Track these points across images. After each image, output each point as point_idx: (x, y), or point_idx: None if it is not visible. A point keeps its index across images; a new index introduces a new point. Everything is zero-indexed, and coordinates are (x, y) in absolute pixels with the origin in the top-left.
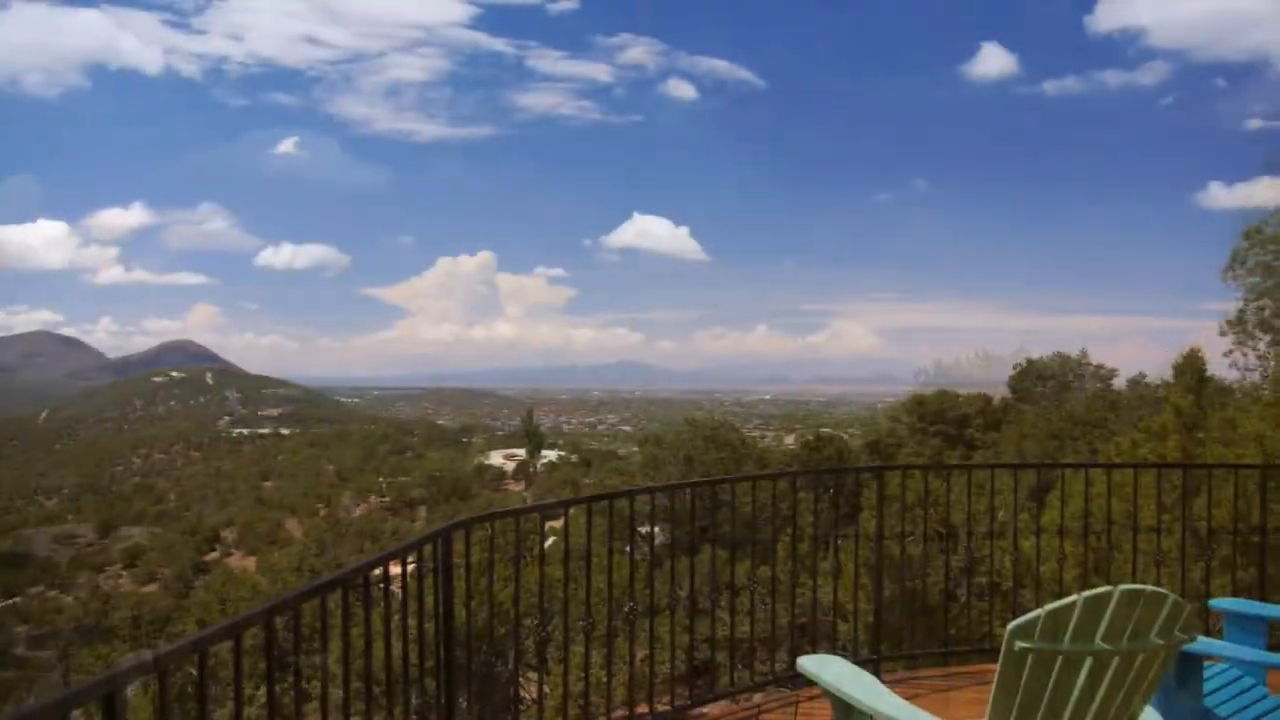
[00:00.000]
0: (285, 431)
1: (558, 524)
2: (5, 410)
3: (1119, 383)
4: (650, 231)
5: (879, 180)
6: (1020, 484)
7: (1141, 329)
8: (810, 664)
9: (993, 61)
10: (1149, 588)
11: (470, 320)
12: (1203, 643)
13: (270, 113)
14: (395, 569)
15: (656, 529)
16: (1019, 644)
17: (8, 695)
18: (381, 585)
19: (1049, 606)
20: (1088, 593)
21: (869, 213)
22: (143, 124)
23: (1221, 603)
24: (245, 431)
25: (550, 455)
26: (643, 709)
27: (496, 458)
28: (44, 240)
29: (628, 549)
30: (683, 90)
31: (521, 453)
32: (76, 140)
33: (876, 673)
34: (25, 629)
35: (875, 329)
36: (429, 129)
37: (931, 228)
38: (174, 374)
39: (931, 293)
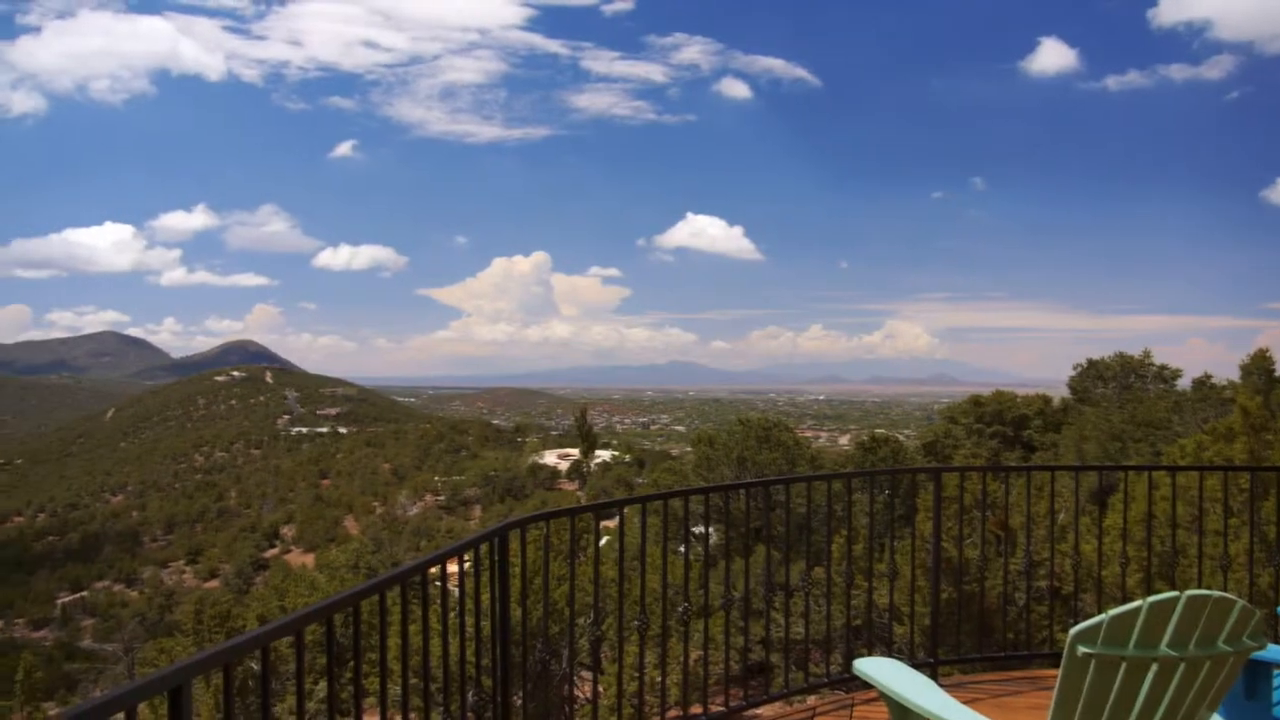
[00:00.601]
0: (343, 430)
1: (611, 523)
2: (74, 409)
3: (1183, 383)
4: (704, 231)
5: (934, 178)
6: (1081, 486)
7: (1205, 329)
8: (867, 666)
9: (1052, 57)
10: (1216, 593)
11: (525, 320)
12: (1272, 650)
13: (329, 116)
14: (451, 567)
15: (710, 529)
16: (1082, 649)
17: (75, 686)
18: (438, 583)
19: (1113, 611)
20: (1153, 598)
21: (924, 211)
22: (205, 128)
23: None
24: (304, 430)
25: (603, 455)
26: (697, 709)
27: (550, 457)
28: (111, 243)
29: (681, 549)
30: (737, 89)
31: (575, 452)
32: (142, 145)
33: (933, 676)
34: (92, 622)
35: (930, 329)
36: (485, 131)
37: (988, 226)
38: (235, 373)
39: (987, 292)
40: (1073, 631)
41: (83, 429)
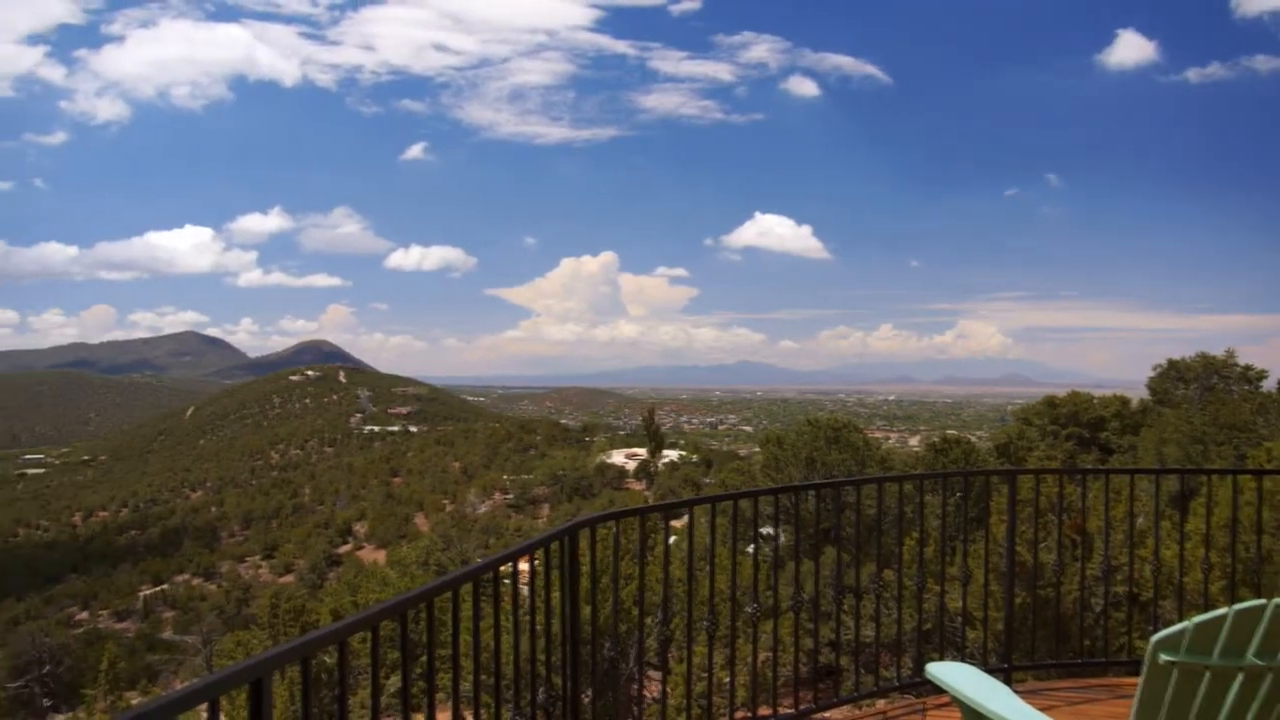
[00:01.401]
0: (413, 429)
1: (678, 524)
2: (155, 407)
3: (1268, 384)
4: (772, 230)
5: (1007, 176)
6: (1161, 490)
7: None
8: (940, 671)
9: (1130, 50)
10: None
11: (593, 320)
12: None
13: (400, 119)
14: (521, 565)
15: (779, 530)
16: (1164, 657)
17: (156, 677)
18: (508, 581)
19: (1197, 619)
20: (1239, 605)
21: (997, 209)
22: (281, 133)
23: None
24: (375, 429)
25: (671, 455)
26: (765, 711)
27: (618, 457)
28: (190, 245)
29: (749, 549)
30: (805, 87)
31: (642, 452)
32: (220, 149)
33: (1007, 682)
34: (173, 615)
35: (1004, 329)
36: (553, 132)
37: (1063, 224)
38: (309, 373)
39: (1062, 291)
40: (1155, 639)
41: (163, 426)
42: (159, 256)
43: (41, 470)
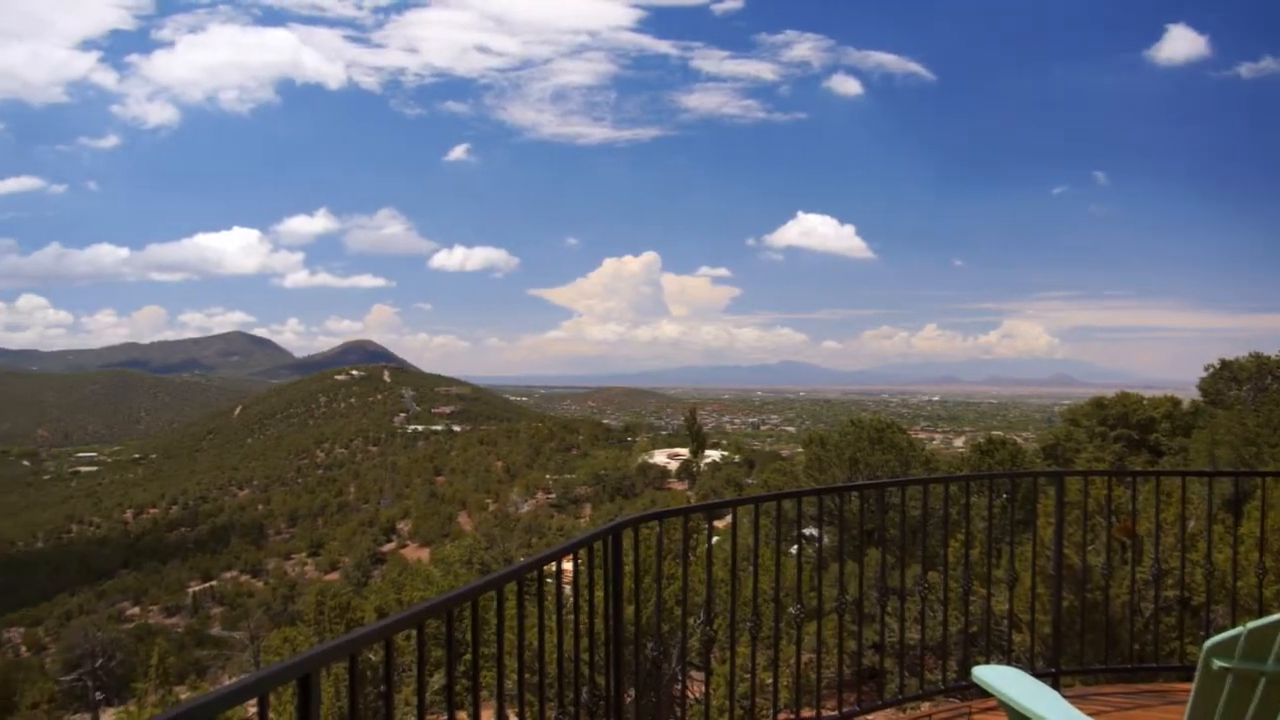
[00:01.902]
0: (457, 428)
1: (720, 524)
2: (204, 405)
3: None
4: (814, 230)
5: (1054, 174)
6: (1214, 493)
7: None
8: (987, 674)
9: (1180, 44)
10: None
11: (635, 320)
12: None
13: (443, 121)
14: (564, 564)
15: (822, 531)
16: (1218, 663)
17: (204, 672)
18: (551, 580)
19: (1252, 624)
20: None
21: (1043, 208)
22: (326, 135)
23: None
24: (419, 428)
25: (713, 455)
26: (808, 713)
27: (660, 456)
28: (238, 247)
29: (793, 550)
30: (848, 86)
31: (684, 452)
32: (267, 152)
33: (1055, 687)
34: (221, 610)
35: (1051, 329)
36: (595, 132)
37: (1111, 222)
38: (354, 372)
39: (1111, 291)
40: (1208, 644)
41: (212, 425)
42: (208, 258)
43: (94, 468)
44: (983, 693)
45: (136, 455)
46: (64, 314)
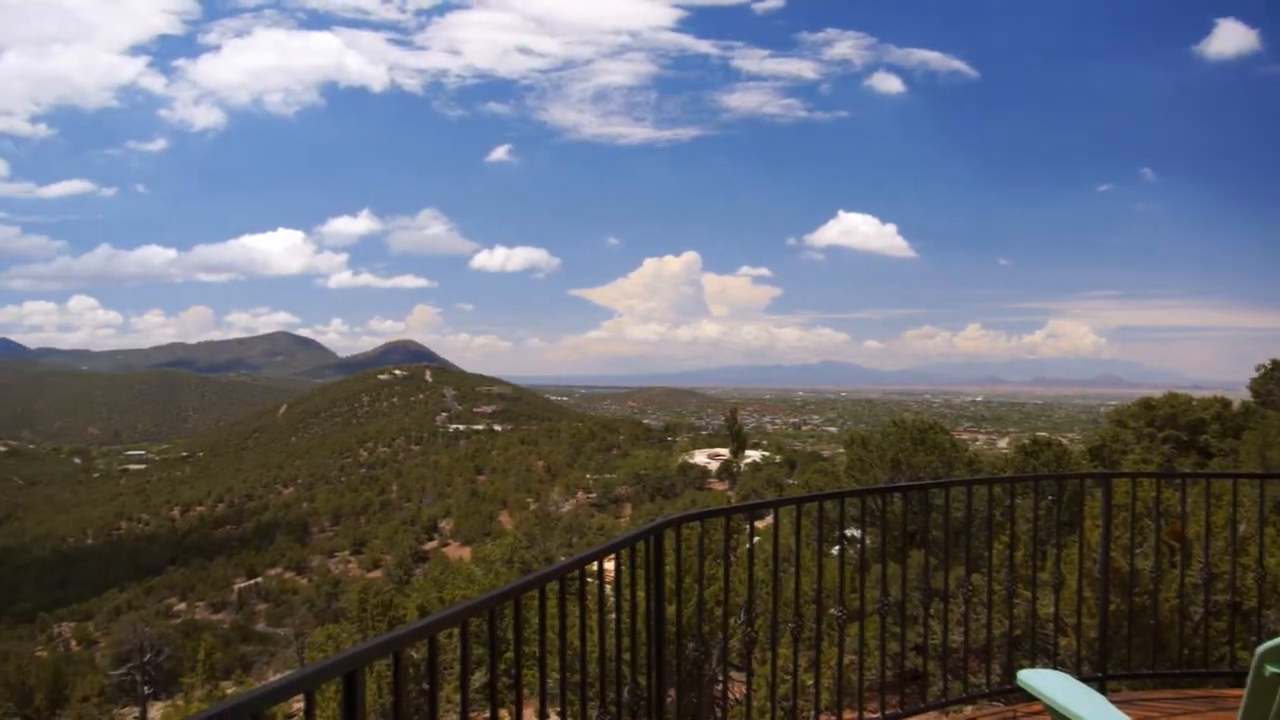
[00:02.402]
0: (498, 428)
1: (761, 524)
2: (249, 405)
3: None
4: (856, 229)
5: (1100, 171)
6: (1266, 495)
7: None
8: (1032, 678)
9: (1230, 39)
10: None
11: (675, 320)
12: None
13: (485, 122)
14: (606, 564)
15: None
16: (1270, 669)
17: (250, 667)
18: (594, 580)
19: None
20: None
21: (1089, 206)
22: (369, 137)
23: None
24: (461, 427)
25: (754, 455)
26: (850, 715)
27: (700, 457)
28: (283, 248)
29: (834, 551)
30: (890, 84)
31: (725, 452)
32: (311, 154)
33: (1102, 691)
34: (266, 607)
35: (1097, 328)
36: (636, 132)
37: (1158, 220)
38: (397, 372)
39: (1158, 290)
40: (1260, 650)
41: (257, 424)
42: (254, 259)
43: (142, 466)
44: (1027, 697)
45: (184, 453)
46: (114, 314)
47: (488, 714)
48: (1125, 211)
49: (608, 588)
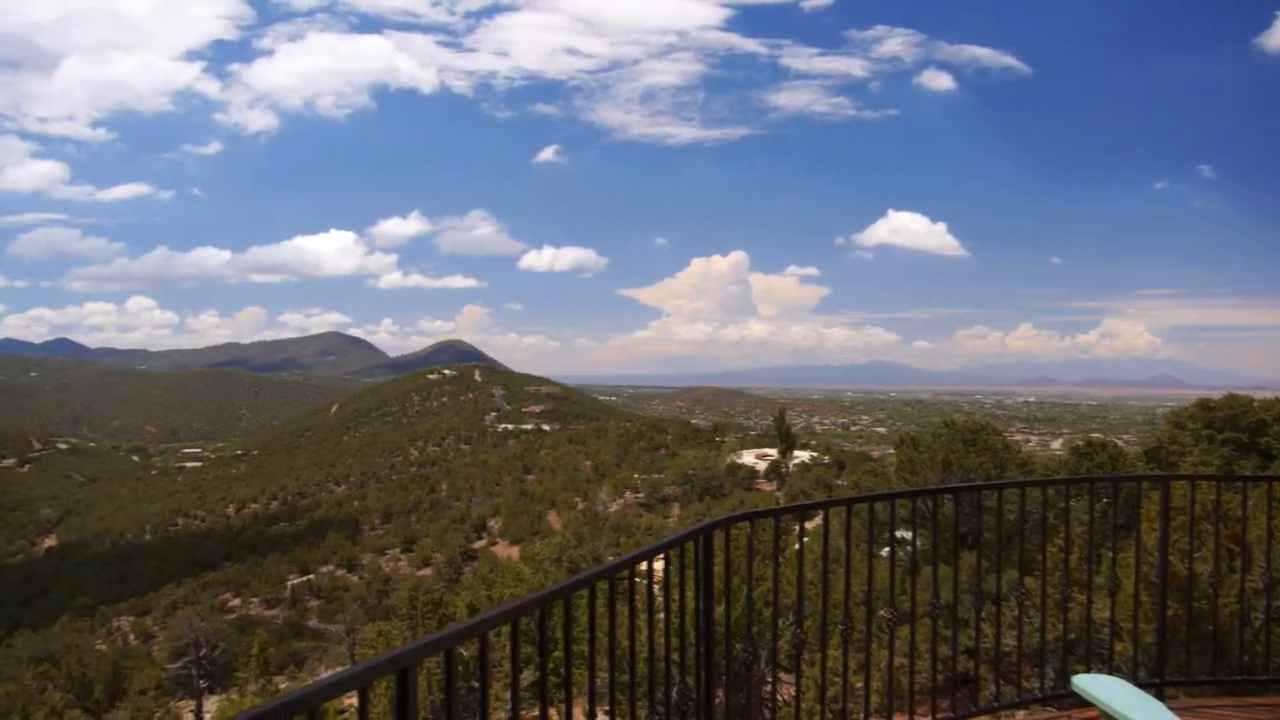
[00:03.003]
0: (546, 427)
1: (810, 525)
2: (302, 404)
3: None
4: (905, 228)
5: (1156, 168)
6: None
7: None
8: (1088, 684)
9: None
10: None
11: (723, 320)
12: None
13: (533, 123)
14: (653, 563)
15: (915, 534)
16: None
17: (302, 663)
18: (644, 580)
19: None
20: None
21: (1144, 204)
22: (419, 139)
23: None
24: (510, 427)
25: (802, 455)
26: (900, 718)
27: (748, 457)
28: (335, 249)
29: (884, 553)
30: (940, 81)
31: (773, 452)
32: (362, 156)
33: (1159, 698)
34: (318, 604)
35: (1153, 328)
36: (683, 132)
37: (1216, 218)
38: (446, 371)
39: (1216, 289)
40: None
41: (310, 423)
42: (306, 260)
43: (198, 464)
44: (1081, 702)
45: (239, 452)
46: (170, 314)
47: (536, 712)
48: (1181, 209)
49: (656, 587)
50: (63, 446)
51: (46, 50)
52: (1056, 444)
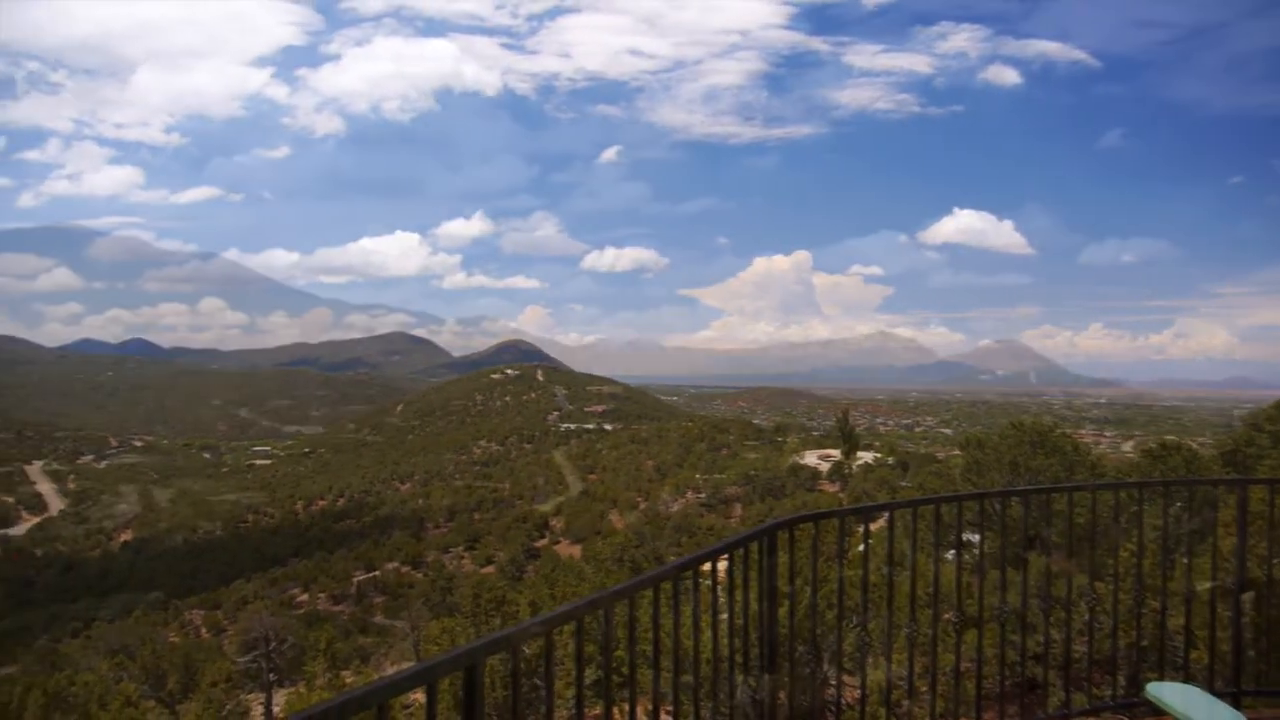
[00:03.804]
0: (608, 427)
1: (873, 527)
2: (368, 403)
3: None
4: (971, 226)
5: (1231, 162)
6: None
7: None
8: (1163, 692)
9: None
10: None
11: (785, 320)
12: None
13: (595, 124)
14: (716, 563)
15: (982, 537)
16: None
17: (367, 659)
18: (707, 580)
19: None
20: None
21: (1219, 199)
22: (482, 140)
23: None
24: (572, 426)
25: (865, 456)
26: None
27: (811, 458)
28: (401, 250)
29: (949, 555)
30: (1006, 76)
31: (836, 453)
32: (427, 158)
33: (1237, 708)
34: (383, 600)
35: (1229, 327)
36: (746, 131)
37: None
38: (509, 371)
39: None
40: None
41: (375, 422)
42: (372, 261)
43: (268, 461)
44: (1154, 710)
45: (306, 449)
46: (241, 315)
47: (599, 711)
48: (1257, 205)
49: (719, 588)
50: (138, 444)
51: (122, 58)
52: (1128, 446)
